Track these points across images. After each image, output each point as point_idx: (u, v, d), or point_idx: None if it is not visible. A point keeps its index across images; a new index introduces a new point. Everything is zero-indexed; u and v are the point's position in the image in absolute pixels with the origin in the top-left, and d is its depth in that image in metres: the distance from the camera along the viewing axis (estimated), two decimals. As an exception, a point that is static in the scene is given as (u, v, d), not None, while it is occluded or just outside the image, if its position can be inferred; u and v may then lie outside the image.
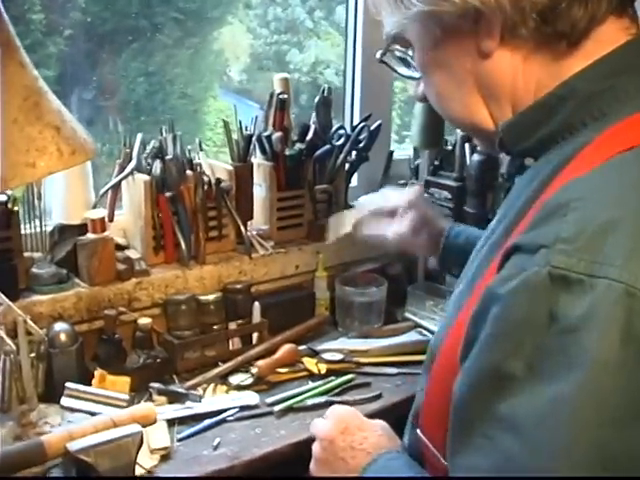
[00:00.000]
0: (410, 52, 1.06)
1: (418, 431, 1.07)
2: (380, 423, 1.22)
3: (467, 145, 1.99)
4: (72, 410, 1.48)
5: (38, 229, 1.75)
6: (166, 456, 1.44)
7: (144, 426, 1.25)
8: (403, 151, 2.47)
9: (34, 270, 1.69)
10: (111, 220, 1.83)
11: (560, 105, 0.95)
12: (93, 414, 1.40)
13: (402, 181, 2.14)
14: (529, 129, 0.99)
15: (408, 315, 2.03)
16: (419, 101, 1.16)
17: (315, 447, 1.21)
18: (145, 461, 1.37)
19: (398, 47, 1.07)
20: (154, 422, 1.32)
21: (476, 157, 1.87)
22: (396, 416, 1.27)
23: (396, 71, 1.11)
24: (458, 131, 2.00)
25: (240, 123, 1.95)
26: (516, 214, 0.97)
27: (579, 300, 0.76)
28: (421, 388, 1.14)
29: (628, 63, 0.94)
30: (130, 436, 1.18)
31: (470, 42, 0.96)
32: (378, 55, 1.09)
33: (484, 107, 1.01)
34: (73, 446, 1.15)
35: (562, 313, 0.76)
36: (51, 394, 1.56)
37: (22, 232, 1.70)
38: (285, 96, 2.00)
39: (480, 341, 0.84)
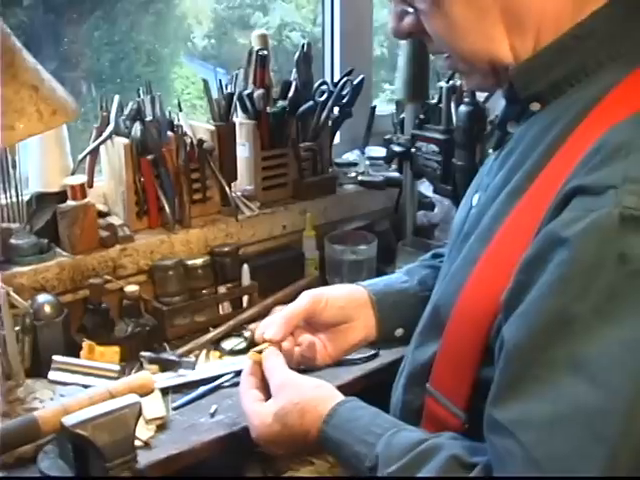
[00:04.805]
0: None
1: (428, 385, 1.06)
2: (285, 394, 1.12)
3: (453, 97, 1.94)
4: (61, 384, 1.44)
5: (14, 199, 1.67)
6: (162, 426, 1.39)
7: (141, 396, 1.20)
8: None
9: (13, 241, 1.63)
10: (90, 186, 1.76)
11: (577, 45, 0.94)
12: (85, 387, 1.36)
13: (388, 136, 2.08)
14: (542, 71, 0.97)
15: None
16: (400, 37, 1.10)
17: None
18: (141, 432, 1.32)
19: None
20: (151, 391, 1.27)
21: (463, 108, 1.81)
22: (394, 374, 1.25)
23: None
24: (443, 83, 1.95)
25: (220, 82, 1.88)
26: (538, 160, 0.95)
27: None
28: (416, 346, 1.14)
29: None
30: (128, 407, 1.13)
31: None
32: None
33: (506, 39, 0.97)
34: (68, 421, 1.10)
35: (633, 254, 0.76)
36: (37, 368, 1.50)
37: (-2, 203, 1.63)
38: (265, 52, 1.94)
39: (541, 285, 0.82)
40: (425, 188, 2.17)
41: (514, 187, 0.98)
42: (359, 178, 2.17)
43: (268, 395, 1.16)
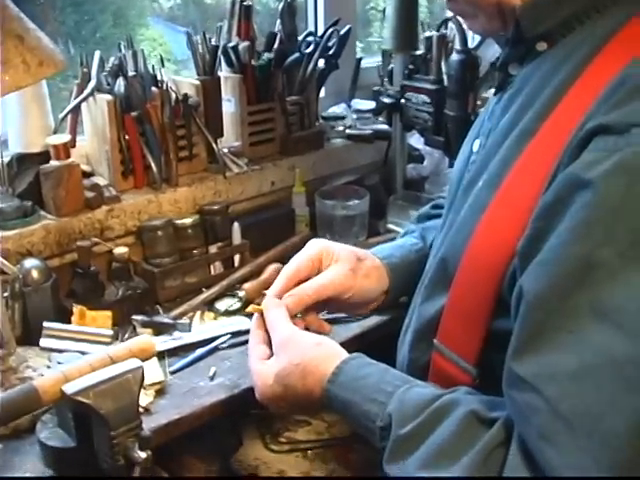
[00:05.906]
0: None
1: (435, 341, 1.04)
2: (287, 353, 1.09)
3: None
4: (54, 351, 1.39)
5: (-6, 161, 1.61)
6: (161, 391, 1.36)
7: (142, 360, 1.16)
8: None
9: (-5, 205, 1.57)
10: (73, 146, 1.70)
11: None
12: (81, 353, 1.31)
13: (376, 87, 2.03)
14: (551, 8, 0.94)
15: (391, 226, 1.95)
16: None
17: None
18: (140, 398, 1.28)
19: None
20: (153, 355, 1.23)
21: (455, 57, 1.76)
22: (393, 331, 1.25)
23: None
24: (432, 32, 1.90)
25: (204, 34, 1.81)
26: (548, 99, 0.92)
27: None
28: (422, 301, 1.11)
29: None
30: (131, 372, 1.08)
31: None
32: None
33: None
34: (69, 388, 1.05)
35: None
36: (28, 336, 1.45)
37: (-23, 165, 1.56)
38: (249, 3, 1.87)
39: (562, 231, 0.78)
40: (414, 140, 2.13)
41: (523, 129, 0.95)
42: (347, 132, 2.13)
43: None
